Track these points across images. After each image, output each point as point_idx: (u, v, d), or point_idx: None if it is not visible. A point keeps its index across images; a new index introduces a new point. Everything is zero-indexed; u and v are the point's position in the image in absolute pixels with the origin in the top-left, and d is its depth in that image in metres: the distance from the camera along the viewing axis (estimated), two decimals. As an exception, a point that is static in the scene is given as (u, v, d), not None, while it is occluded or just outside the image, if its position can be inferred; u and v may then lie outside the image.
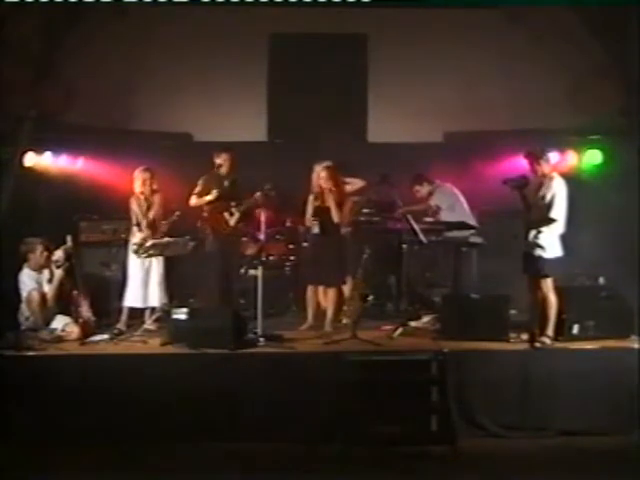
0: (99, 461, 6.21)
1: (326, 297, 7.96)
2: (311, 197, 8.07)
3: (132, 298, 8.04)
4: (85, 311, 7.74)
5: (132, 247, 7.98)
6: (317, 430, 6.57)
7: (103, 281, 8.43)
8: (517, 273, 7.45)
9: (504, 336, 7.29)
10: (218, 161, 8.17)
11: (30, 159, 8.53)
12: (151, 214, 8.09)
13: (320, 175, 7.99)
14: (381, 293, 9.17)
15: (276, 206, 7.95)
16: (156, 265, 8.07)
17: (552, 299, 7.16)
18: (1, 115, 7.81)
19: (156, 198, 8.16)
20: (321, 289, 7.98)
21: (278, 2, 7.83)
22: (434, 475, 6.13)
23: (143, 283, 8.03)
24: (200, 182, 8.24)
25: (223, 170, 8.19)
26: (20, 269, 7.63)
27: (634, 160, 8.41)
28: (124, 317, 8.08)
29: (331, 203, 7.89)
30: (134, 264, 8.02)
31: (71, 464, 6.16)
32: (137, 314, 8.14)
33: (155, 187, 8.17)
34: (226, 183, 8.21)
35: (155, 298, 8.07)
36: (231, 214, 8.15)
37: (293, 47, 9.93)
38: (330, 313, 7.92)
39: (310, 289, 8.05)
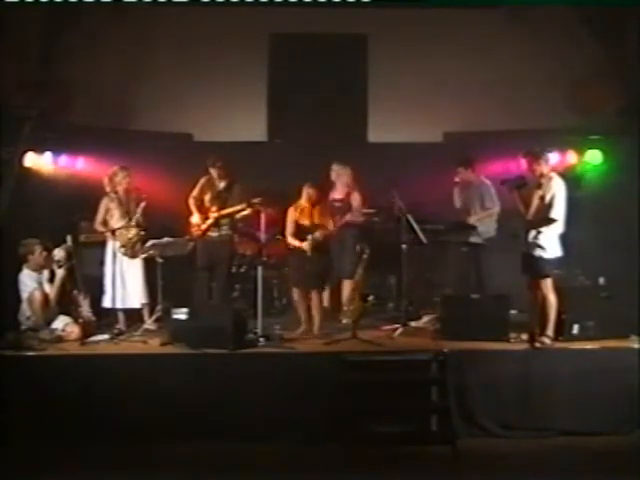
0: (99, 461, 6.21)
1: (312, 305, 7.94)
2: (292, 210, 7.99)
3: (110, 299, 8.01)
4: (85, 311, 7.75)
5: (120, 248, 7.99)
6: (317, 430, 6.57)
7: (103, 281, 8.41)
8: (517, 273, 7.45)
9: (504, 336, 7.29)
10: (212, 171, 8.18)
11: (30, 159, 8.53)
12: (138, 211, 8.06)
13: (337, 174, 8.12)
14: (381, 293, 9.18)
15: (268, 215, 7.91)
16: (133, 265, 8.09)
17: (552, 299, 7.16)
18: (1, 115, 7.80)
19: (134, 194, 8.17)
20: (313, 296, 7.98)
21: (278, 2, 7.82)
22: (434, 475, 6.13)
23: (121, 283, 8.02)
24: (199, 184, 8.24)
25: (217, 176, 8.19)
26: (20, 270, 7.63)
27: (634, 160, 8.41)
28: (121, 317, 8.09)
29: (327, 220, 7.93)
30: (111, 264, 7.99)
31: (71, 464, 6.16)
32: (136, 314, 8.16)
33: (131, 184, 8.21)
34: (221, 187, 8.21)
35: (135, 299, 8.08)
36: (206, 218, 8.16)
37: (293, 47, 9.94)
38: (317, 319, 7.91)
39: (297, 293, 8.03)
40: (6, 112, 7.88)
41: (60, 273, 7.63)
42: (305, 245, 7.81)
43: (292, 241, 7.98)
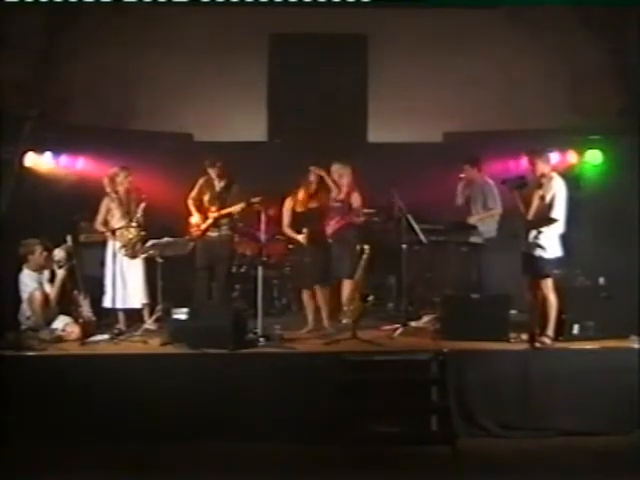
0: (99, 461, 6.20)
1: (318, 299, 8.00)
2: (289, 200, 8.09)
3: (110, 299, 8.00)
4: (85, 311, 7.75)
5: (120, 248, 7.98)
6: (317, 430, 6.56)
7: (103, 281, 8.41)
8: (517, 273, 7.45)
9: (504, 336, 7.29)
10: (210, 171, 8.19)
11: (30, 159, 8.53)
12: (138, 211, 8.05)
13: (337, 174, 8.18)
14: (381, 293, 9.18)
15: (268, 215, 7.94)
16: (133, 265, 8.09)
17: (552, 299, 7.16)
18: (1, 115, 7.79)
19: (134, 195, 8.17)
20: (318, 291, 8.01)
21: (278, 2, 7.83)
22: (434, 475, 6.12)
23: (122, 283, 8.02)
24: (197, 184, 8.25)
25: (216, 176, 8.20)
26: (20, 270, 7.63)
27: (634, 160, 8.41)
28: (121, 317, 8.09)
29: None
30: (111, 264, 7.99)
31: (71, 464, 6.16)
32: (136, 314, 8.16)
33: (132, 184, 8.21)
34: (220, 187, 8.21)
35: (135, 299, 8.08)
36: (206, 218, 8.16)
37: (293, 47, 9.93)
38: (325, 313, 7.97)
39: (306, 293, 8.07)
40: (6, 112, 7.88)
41: (60, 273, 7.63)
42: (302, 238, 7.88)
43: (289, 233, 8.05)
